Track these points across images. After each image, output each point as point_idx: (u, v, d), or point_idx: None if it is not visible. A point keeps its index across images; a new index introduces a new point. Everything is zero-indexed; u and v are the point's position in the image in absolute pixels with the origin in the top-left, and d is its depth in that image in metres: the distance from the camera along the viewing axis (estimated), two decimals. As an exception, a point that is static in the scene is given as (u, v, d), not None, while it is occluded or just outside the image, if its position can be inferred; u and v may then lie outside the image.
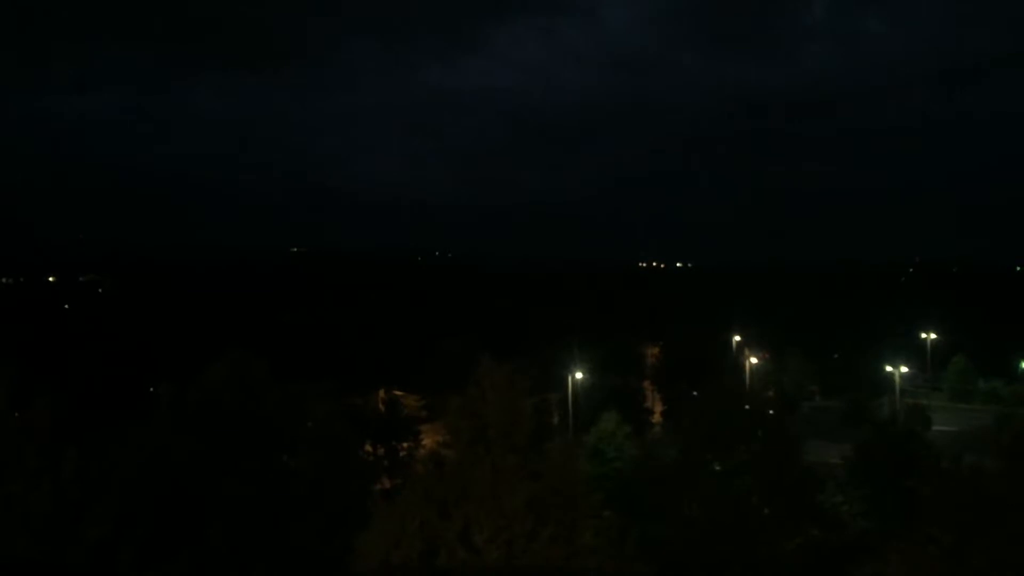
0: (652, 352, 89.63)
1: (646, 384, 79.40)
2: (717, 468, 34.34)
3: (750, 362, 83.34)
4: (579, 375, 64.43)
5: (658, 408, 76.34)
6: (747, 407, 39.20)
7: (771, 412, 42.02)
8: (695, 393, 63.97)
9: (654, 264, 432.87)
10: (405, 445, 50.85)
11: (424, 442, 49.18)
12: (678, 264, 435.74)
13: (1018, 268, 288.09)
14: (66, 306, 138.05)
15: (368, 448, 48.13)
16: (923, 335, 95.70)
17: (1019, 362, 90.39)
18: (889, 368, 79.53)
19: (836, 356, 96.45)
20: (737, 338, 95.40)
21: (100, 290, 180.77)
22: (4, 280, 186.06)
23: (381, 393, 64.88)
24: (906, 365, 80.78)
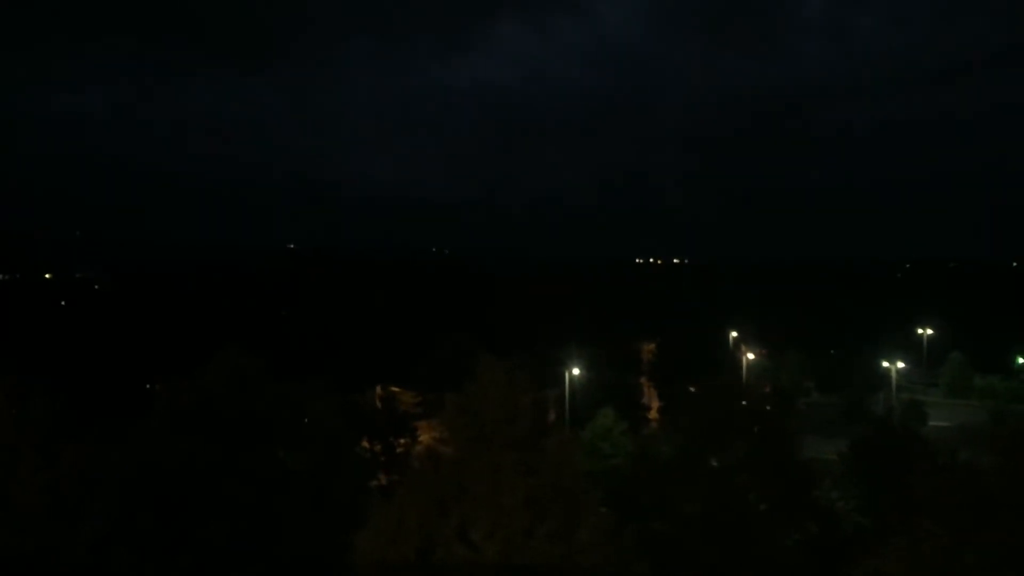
0: (649, 348, 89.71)
1: (643, 380, 79.52)
2: (714, 464, 34.35)
3: (747, 358, 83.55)
4: (576, 371, 64.49)
5: (655, 404, 76.46)
6: (744, 403, 39.22)
7: (768, 408, 42.06)
8: (692, 389, 64.03)
9: (651, 261, 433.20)
10: (402, 441, 50.85)
11: (421, 438, 49.19)
12: (675, 261, 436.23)
13: (1014, 264, 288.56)
14: (62, 303, 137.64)
15: (365, 444, 48.11)
16: (919, 331, 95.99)
17: (1015, 358, 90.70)
18: (885, 364, 79.81)
19: (833, 352, 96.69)
20: (734, 334, 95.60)
21: (96, 287, 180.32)
22: (0, 277, 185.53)
23: (378, 390, 64.91)
24: (902, 361, 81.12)
